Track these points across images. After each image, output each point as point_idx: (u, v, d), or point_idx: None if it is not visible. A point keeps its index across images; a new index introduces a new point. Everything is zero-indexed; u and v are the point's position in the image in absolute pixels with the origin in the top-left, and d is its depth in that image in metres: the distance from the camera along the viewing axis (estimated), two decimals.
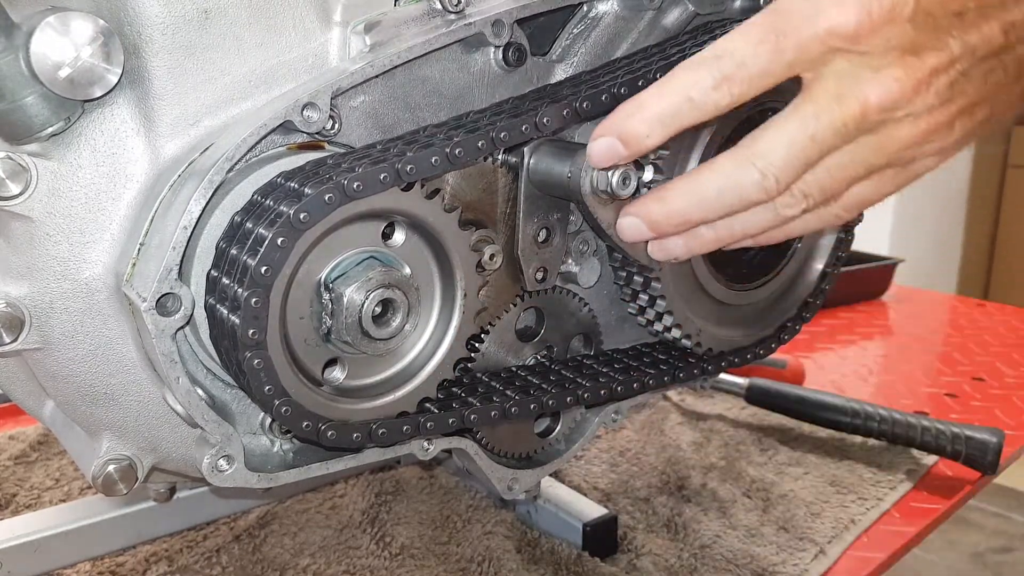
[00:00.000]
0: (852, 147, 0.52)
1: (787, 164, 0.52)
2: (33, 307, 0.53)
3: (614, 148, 0.55)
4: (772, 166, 0.52)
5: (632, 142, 0.54)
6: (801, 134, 0.51)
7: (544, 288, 0.66)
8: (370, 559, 0.79)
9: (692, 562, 0.80)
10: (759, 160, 0.52)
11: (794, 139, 0.51)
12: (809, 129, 0.51)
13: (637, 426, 1.07)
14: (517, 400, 0.62)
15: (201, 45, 0.54)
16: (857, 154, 0.52)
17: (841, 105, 0.50)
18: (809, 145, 0.51)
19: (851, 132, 0.51)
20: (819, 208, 0.55)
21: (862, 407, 1.01)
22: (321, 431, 0.54)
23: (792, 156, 0.52)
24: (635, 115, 0.53)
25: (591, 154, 0.56)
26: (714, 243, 0.58)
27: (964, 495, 0.93)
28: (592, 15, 0.66)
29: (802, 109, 0.51)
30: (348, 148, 0.57)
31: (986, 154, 3.67)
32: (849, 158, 0.52)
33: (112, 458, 0.57)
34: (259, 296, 0.49)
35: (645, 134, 0.53)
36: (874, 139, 0.52)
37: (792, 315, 0.78)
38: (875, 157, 0.52)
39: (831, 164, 0.53)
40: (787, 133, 0.52)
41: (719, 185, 0.54)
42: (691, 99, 0.51)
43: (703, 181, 0.55)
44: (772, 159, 0.52)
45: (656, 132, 0.53)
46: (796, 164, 0.52)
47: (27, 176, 0.51)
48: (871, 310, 1.60)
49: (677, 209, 0.56)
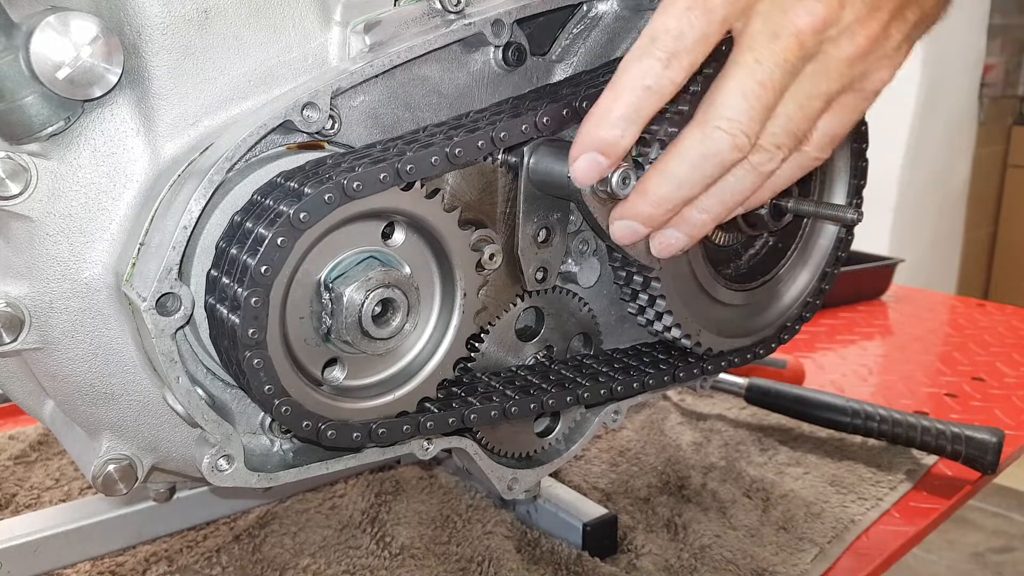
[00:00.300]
0: (802, 81, 0.53)
1: (749, 115, 0.52)
2: (33, 307, 0.53)
3: (595, 161, 0.55)
4: (735, 122, 0.53)
5: (609, 149, 0.54)
6: (750, 82, 0.52)
7: (544, 288, 0.66)
8: (370, 559, 0.79)
9: (692, 562, 0.79)
10: (721, 121, 0.53)
11: (746, 89, 0.52)
12: (756, 75, 0.52)
13: (637, 426, 1.07)
14: (517, 400, 0.62)
15: (201, 45, 0.54)
16: (810, 86, 0.53)
17: (777, 41, 0.51)
18: (761, 91, 0.52)
19: (796, 65, 0.52)
20: (794, 155, 0.56)
21: (862, 407, 1.01)
22: (321, 431, 0.54)
23: (751, 106, 0.52)
24: (602, 123, 0.54)
25: (576, 177, 0.56)
26: (710, 222, 0.58)
27: (964, 495, 0.93)
28: (592, 15, 0.66)
29: (743, 58, 0.52)
30: (348, 148, 0.57)
31: (986, 154, 3.67)
32: (804, 93, 0.53)
33: (112, 458, 0.57)
34: (259, 296, 0.49)
35: (619, 136, 0.54)
36: (820, 66, 0.53)
37: (792, 315, 0.78)
38: (827, 83, 0.53)
39: (790, 106, 0.53)
40: (738, 86, 0.52)
41: (692, 158, 0.54)
42: (648, 87, 0.52)
43: (677, 160, 0.55)
44: (733, 115, 0.52)
45: (628, 130, 0.54)
46: (757, 112, 0.52)
47: (27, 176, 0.51)
48: (871, 310, 1.60)
49: (661, 195, 0.56)
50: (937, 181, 3.38)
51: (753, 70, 0.52)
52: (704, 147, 0.54)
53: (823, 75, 0.53)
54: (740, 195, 0.57)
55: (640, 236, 0.59)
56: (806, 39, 0.51)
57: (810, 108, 0.54)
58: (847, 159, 0.76)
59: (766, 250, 0.76)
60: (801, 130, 0.55)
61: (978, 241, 3.81)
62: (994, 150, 3.75)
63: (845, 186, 0.77)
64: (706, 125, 0.53)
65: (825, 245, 0.78)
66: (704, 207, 0.57)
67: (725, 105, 0.53)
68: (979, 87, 3.52)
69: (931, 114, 3.19)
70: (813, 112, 0.54)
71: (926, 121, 3.17)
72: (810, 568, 0.79)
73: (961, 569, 2.45)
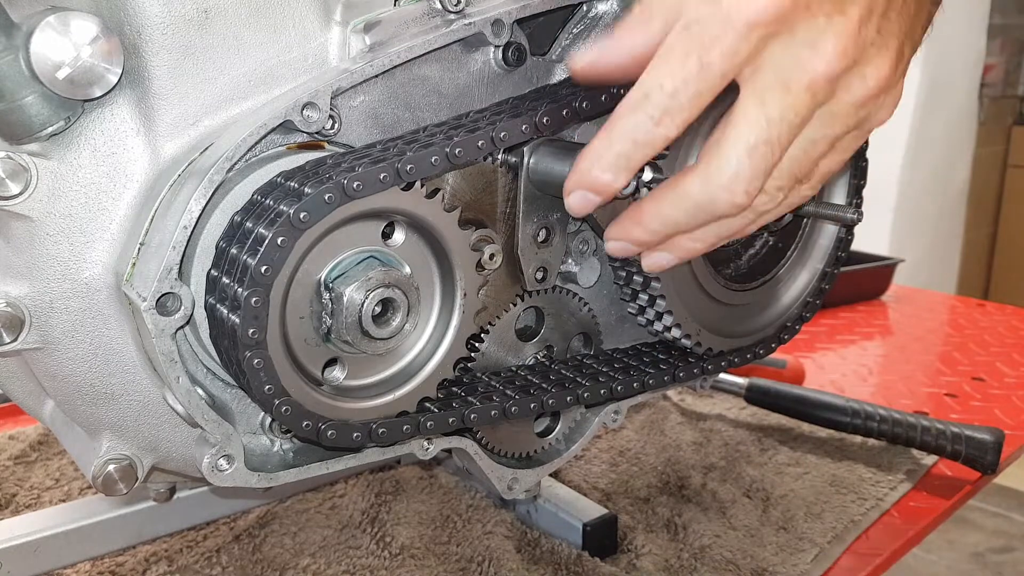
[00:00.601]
0: (811, 127, 0.51)
1: (753, 173, 0.51)
2: (33, 307, 0.53)
3: (588, 199, 0.55)
4: (738, 182, 0.51)
5: (601, 190, 0.54)
6: (758, 140, 0.50)
7: (544, 288, 0.66)
8: (370, 559, 0.79)
9: (692, 562, 0.79)
10: (723, 178, 0.51)
11: (752, 147, 0.50)
12: (764, 133, 0.50)
13: (637, 426, 1.07)
14: (517, 399, 0.62)
15: (201, 45, 0.54)
16: (818, 131, 0.52)
17: (788, 95, 0.49)
18: (767, 150, 0.50)
19: (806, 117, 0.50)
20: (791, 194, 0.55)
21: (862, 407, 1.01)
22: (321, 431, 0.54)
23: (755, 165, 0.50)
24: (594, 166, 0.53)
25: (571, 208, 0.56)
26: (702, 250, 0.58)
27: (964, 495, 0.93)
28: (592, 15, 0.66)
29: (752, 113, 0.50)
30: (348, 148, 0.57)
31: (986, 154, 3.67)
32: (811, 139, 0.52)
33: (112, 458, 0.57)
34: (259, 296, 0.49)
35: (610, 180, 0.53)
36: (830, 110, 0.51)
37: (792, 315, 0.78)
38: (833, 128, 0.52)
39: (794, 152, 0.52)
40: (744, 144, 0.50)
41: (688, 207, 0.53)
42: (637, 141, 0.51)
43: (674, 205, 0.54)
44: (737, 175, 0.50)
45: (620, 174, 0.53)
46: (761, 172, 0.51)
47: (27, 176, 0.51)
48: (871, 310, 1.60)
49: (654, 229, 0.56)
50: (937, 181, 3.38)
51: (761, 127, 0.49)
52: (702, 198, 0.52)
53: (830, 120, 0.51)
54: (733, 231, 0.56)
55: (633, 254, 0.59)
56: (819, 90, 0.49)
57: (814, 152, 0.53)
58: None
59: (766, 250, 0.76)
60: (803, 173, 0.54)
61: (978, 241, 3.81)
62: (994, 150, 3.75)
63: (845, 186, 0.77)
64: (708, 180, 0.52)
65: (825, 245, 0.78)
66: (697, 237, 0.56)
67: (730, 161, 0.50)
68: (979, 87, 3.52)
69: (931, 114, 3.19)
70: (817, 155, 0.53)
71: (926, 121, 3.18)
72: (810, 568, 0.79)
73: (961, 569, 2.45)
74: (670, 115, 0.50)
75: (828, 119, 0.51)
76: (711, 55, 0.48)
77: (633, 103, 0.51)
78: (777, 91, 0.49)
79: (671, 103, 0.49)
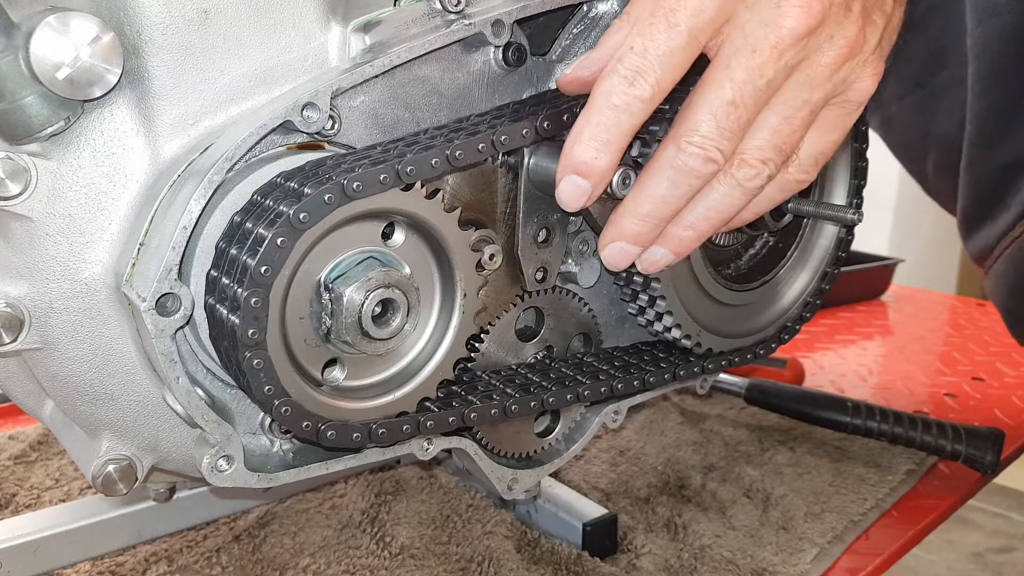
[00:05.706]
0: (785, 92, 0.52)
1: (719, 133, 0.52)
2: (33, 307, 0.53)
3: (577, 184, 0.55)
4: (706, 138, 0.52)
5: (588, 171, 0.54)
6: (719, 100, 0.52)
7: (544, 288, 0.66)
8: (370, 559, 0.79)
9: (692, 562, 0.79)
10: (693, 136, 0.52)
11: (715, 108, 0.52)
12: (726, 94, 0.51)
13: (637, 426, 1.07)
14: (517, 398, 0.62)
15: (201, 45, 0.53)
16: (793, 97, 0.53)
17: (755, 56, 0.50)
18: (732, 109, 0.52)
19: (775, 79, 0.51)
20: (777, 176, 0.56)
21: (862, 407, 1.01)
22: (321, 431, 0.54)
23: (719, 124, 0.52)
24: (575, 144, 0.54)
25: (563, 201, 0.56)
26: (695, 239, 0.58)
27: (964, 495, 0.93)
28: (592, 15, 0.66)
29: (715, 76, 0.52)
30: (348, 148, 0.57)
31: None
32: (788, 105, 0.53)
33: (112, 458, 0.57)
34: (259, 296, 0.49)
35: (593, 156, 0.53)
36: (802, 75, 0.52)
37: (792, 315, 0.78)
38: (810, 92, 0.53)
39: (773, 119, 0.53)
40: (707, 104, 0.52)
41: (668, 175, 0.54)
42: (616, 106, 0.51)
43: (654, 177, 0.55)
44: (703, 131, 0.52)
45: (603, 151, 0.53)
46: (727, 131, 0.52)
47: (27, 176, 0.51)
48: (871, 310, 1.60)
49: (644, 212, 0.56)
50: None
51: (723, 88, 0.51)
52: (678, 162, 0.53)
53: (806, 84, 0.52)
54: (724, 212, 0.56)
55: (632, 257, 0.59)
56: (787, 50, 0.50)
57: (795, 119, 0.53)
58: (847, 159, 0.76)
59: (766, 250, 0.76)
60: (787, 144, 0.54)
61: None
62: None
63: (845, 186, 0.77)
64: (678, 140, 0.53)
65: (825, 245, 0.78)
66: (688, 223, 0.57)
67: (695, 122, 0.52)
68: None
69: None
70: (798, 124, 0.54)
71: None
72: (810, 568, 0.79)
73: (961, 569, 2.45)
74: (642, 74, 0.50)
75: (803, 83, 0.52)
76: (677, 16, 0.50)
77: (607, 70, 0.52)
78: (744, 54, 0.51)
79: (642, 61, 0.50)
